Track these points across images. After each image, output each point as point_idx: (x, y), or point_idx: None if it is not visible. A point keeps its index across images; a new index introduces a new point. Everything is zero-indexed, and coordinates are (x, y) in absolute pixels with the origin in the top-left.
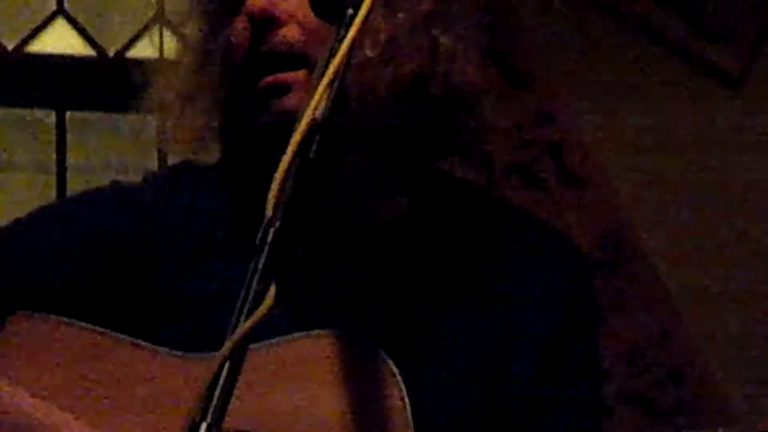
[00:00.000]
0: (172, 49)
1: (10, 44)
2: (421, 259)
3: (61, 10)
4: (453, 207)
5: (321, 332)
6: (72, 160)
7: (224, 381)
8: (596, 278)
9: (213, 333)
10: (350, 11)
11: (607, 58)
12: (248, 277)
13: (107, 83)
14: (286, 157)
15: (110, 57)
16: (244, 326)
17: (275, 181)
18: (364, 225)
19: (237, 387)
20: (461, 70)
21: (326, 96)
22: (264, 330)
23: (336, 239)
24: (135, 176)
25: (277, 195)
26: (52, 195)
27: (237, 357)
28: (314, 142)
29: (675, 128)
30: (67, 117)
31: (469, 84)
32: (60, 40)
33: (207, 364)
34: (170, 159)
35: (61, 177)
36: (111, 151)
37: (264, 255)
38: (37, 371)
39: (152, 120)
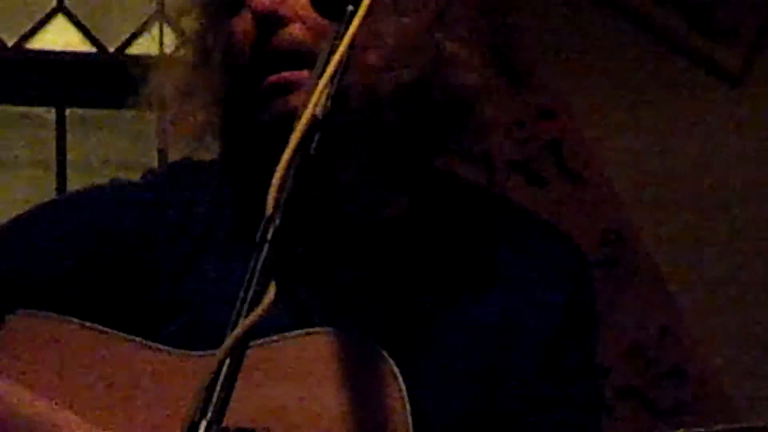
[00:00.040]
0: (172, 46)
1: (10, 41)
2: (421, 258)
3: (61, 7)
4: (453, 205)
5: (321, 330)
6: (72, 157)
7: (224, 378)
8: (596, 276)
9: (212, 331)
10: (350, 8)
11: (608, 56)
12: (248, 275)
13: (107, 80)
14: (287, 155)
15: (110, 54)
16: (244, 324)
17: (275, 178)
18: (365, 223)
19: (237, 384)
20: (464, 76)
21: (326, 93)
22: (264, 328)
23: (336, 237)
24: (135, 173)
25: (277, 192)
26: (52, 192)
27: (237, 355)
28: (314, 139)
29: (676, 126)
30: (67, 114)
31: (472, 88)
32: (60, 37)
33: (207, 362)
34: (170, 156)
35: (61, 174)
36: (111, 148)
37: (264, 252)
38: (38, 369)
39: (152, 117)
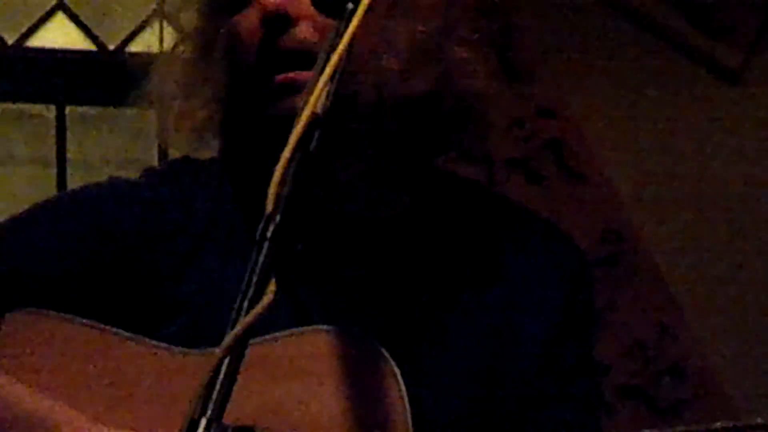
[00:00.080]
0: (172, 44)
1: (10, 38)
2: (421, 256)
3: (61, 5)
4: (453, 204)
5: (320, 328)
6: (72, 155)
7: (224, 376)
8: (596, 275)
9: (212, 329)
10: (350, 5)
11: (608, 55)
12: (248, 273)
13: (107, 78)
14: (287, 152)
15: (110, 51)
16: (244, 321)
17: (275, 176)
18: (365, 221)
19: (237, 382)
20: (472, 81)
21: (326, 91)
22: (264, 325)
23: (336, 235)
24: (135, 171)
25: (277, 190)
26: (52, 189)
27: (237, 352)
28: (314, 137)
29: (675, 124)
30: (67, 111)
31: (479, 94)
32: (60, 35)
33: (207, 360)
34: (171, 154)
35: (61, 171)
36: (111, 146)
37: (264, 250)
38: (37, 367)
39: (152, 115)
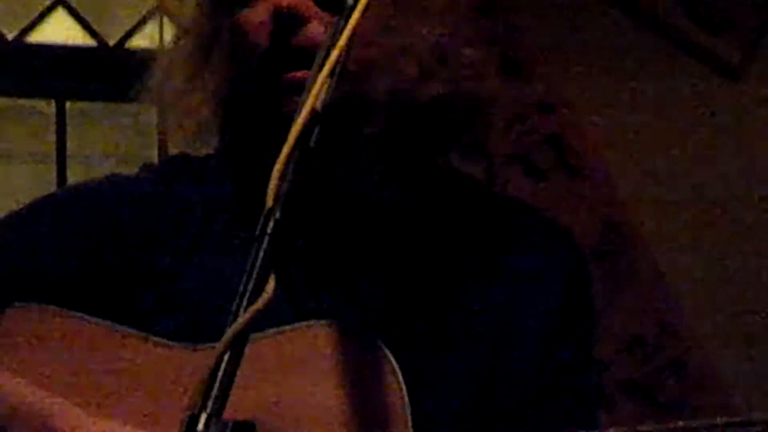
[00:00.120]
0: (172, 39)
1: (10, 34)
2: (421, 254)
3: (61, 0)
4: (452, 200)
5: (321, 323)
6: (72, 150)
7: (224, 371)
8: (596, 271)
9: (211, 324)
10: (350, 1)
11: (608, 50)
12: (248, 268)
13: (107, 73)
14: (286, 148)
15: (110, 47)
16: (244, 317)
17: (275, 171)
18: (365, 217)
19: (237, 378)
20: (483, 83)
21: (326, 87)
22: (264, 321)
23: (336, 232)
24: (135, 166)
25: (277, 185)
26: (52, 185)
27: (237, 348)
28: (314, 132)
29: (675, 119)
30: (67, 107)
31: (490, 96)
32: (60, 30)
33: (207, 355)
34: (171, 149)
35: (61, 167)
36: (111, 141)
37: (264, 245)
38: (36, 362)
39: (153, 110)
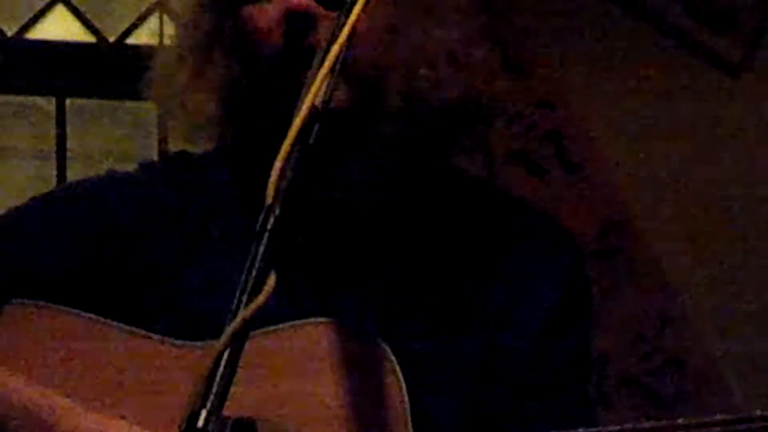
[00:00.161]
0: (172, 36)
1: (10, 31)
2: (421, 251)
3: None
4: (451, 198)
5: (320, 320)
6: (72, 147)
7: (224, 368)
8: (596, 267)
9: (211, 322)
10: None
11: (608, 47)
12: (248, 264)
13: (107, 70)
14: (286, 144)
15: (110, 44)
16: (244, 313)
17: (275, 168)
18: (365, 213)
19: (237, 374)
20: (492, 85)
21: (326, 84)
22: (263, 318)
23: (337, 229)
24: (135, 163)
25: (277, 182)
26: (52, 182)
27: (237, 344)
28: (314, 129)
29: (676, 117)
30: (67, 104)
31: (498, 97)
32: (60, 27)
33: (207, 352)
34: (171, 146)
35: (61, 164)
36: (111, 138)
37: (264, 242)
38: (35, 359)
39: (152, 107)
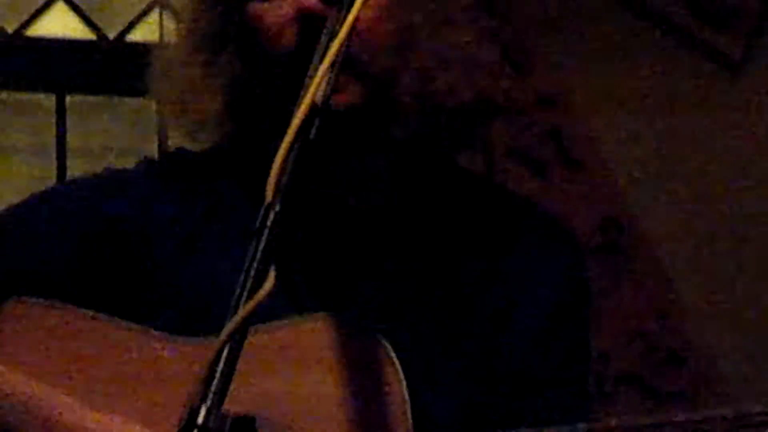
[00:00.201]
0: (172, 33)
1: (11, 27)
2: (421, 247)
3: None
4: (454, 196)
5: (320, 316)
6: (72, 144)
7: (224, 364)
8: (596, 263)
9: (211, 317)
10: None
11: (608, 44)
12: (247, 261)
13: (107, 66)
14: (286, 142)
15: (110, 40)
16: (244, 309)
17: (275, 165)
18: (367, 211)
19: (237, 371)
20: (499, 84)
21: (327, 80)
22: (263, 314)
23: (337, 225)
24: (135, 159)
25: (277, 178)
26: (52, 178)
27: (237, 340)
28: (314, 125)
29: (675, 112)
30: (67, 100)
31: (504, 97)
32: (60, 24)
33: (207, 348)
34: (170, 142)
35: (61, 160)
36: (111, 135)
37: (263, 238)
38: (34, 356)
39: (153, 103)
